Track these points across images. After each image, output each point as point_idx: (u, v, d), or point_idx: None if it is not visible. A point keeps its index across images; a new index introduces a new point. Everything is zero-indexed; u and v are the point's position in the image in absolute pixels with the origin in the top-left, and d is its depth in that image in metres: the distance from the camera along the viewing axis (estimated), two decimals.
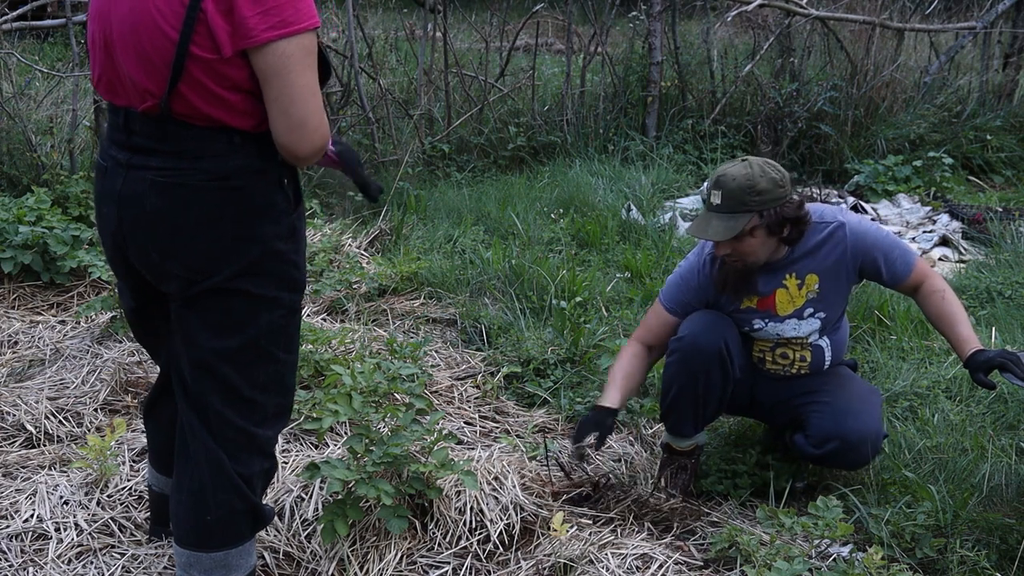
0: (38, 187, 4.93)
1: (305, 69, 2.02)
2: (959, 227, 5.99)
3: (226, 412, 2.24)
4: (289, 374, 2.34)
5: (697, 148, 7.32)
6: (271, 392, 2.29)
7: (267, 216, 2.16)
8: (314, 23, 2.02)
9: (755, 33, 8.17)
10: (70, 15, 5.67)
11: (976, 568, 2.66)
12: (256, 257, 2.16)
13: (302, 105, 2.03)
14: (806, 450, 3.02)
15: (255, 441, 2.29)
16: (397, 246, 5.26)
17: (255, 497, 2.33)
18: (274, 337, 2.25)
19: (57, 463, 3.16)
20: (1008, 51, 8.28)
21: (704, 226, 2.88)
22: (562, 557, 2.69)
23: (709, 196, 2.87)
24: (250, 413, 2.27)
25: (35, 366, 3.89)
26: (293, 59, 2.00)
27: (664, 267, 5.05)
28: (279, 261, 2.20)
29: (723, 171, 2.87)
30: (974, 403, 3.60)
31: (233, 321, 2.20)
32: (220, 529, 2.31)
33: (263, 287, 2.19)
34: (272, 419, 2.33)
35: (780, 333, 3.06)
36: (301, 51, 2.00)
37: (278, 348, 2.27)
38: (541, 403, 3.77)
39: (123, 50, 2.11)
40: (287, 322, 2.27)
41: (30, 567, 2.66)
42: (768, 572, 2.47)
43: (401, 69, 8.32)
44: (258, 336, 2.22)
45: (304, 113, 2.03)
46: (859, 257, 2.97)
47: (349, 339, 3.98)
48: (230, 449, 2.26)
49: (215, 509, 2.28)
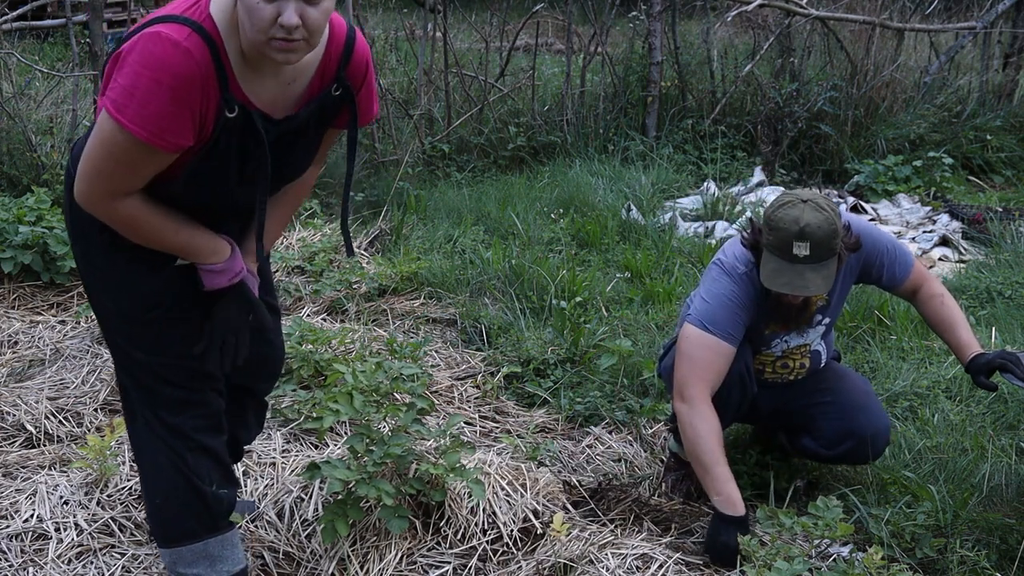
0: (38, 187, 4.92)
1: (102, 147, 2.01)
2: (959, 227, 5.99)
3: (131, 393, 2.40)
4: (149, 375, 2.34)
5: (697, 148, 7.32)
6: (146, 384, 2.34)
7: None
8: (124, 121, 1.96)
9: (755, 33, 8.17)
10: (70, 15, 5.67)
11: (976, 568, 2.66)
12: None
13: (86, 164, 2.06)
14: (818, 452, 3.01)
15: (165, 424, 2.35)
16: (397, 246, 5.26)
17: (197, 480, 2.36)
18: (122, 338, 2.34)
19: (57, 463, 3.16)
20: (1008, 51, 8.27)
21: (797, 281, 2.70)
22: (562, 557, 2.69)
23: (792, 248, 2.67)
24: (146, 399, 2.35)
25: (35, 366, 3.89)
26: (100, 130, 2.02)
27: (664, 267, 5.05)
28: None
29: (801, 221, 2.66)
30: (974, 403, 3.60)
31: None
32: (173, 514, 2.37)
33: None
34: (172, 406, 2.35)
35: (789, 345, 3.02)
36: (109, 132, 1.99)
37: (134, 348, 2.32)
38: (541, 403, 3.77)
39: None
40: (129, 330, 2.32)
41: (30, 567, 2.66)
42: (768, 572, 2.47)
43: (401, 69, 8.31)
44: (110, 336, 2.37)
45: (83, 170, 2.06)
46: (862, 259, 2.93)
47: (349, 339, 3.98)
48: (153, 431, 2.36)
49: (158, 491, 2.37)
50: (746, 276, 2.86)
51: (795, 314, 2.88)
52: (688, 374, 2.83)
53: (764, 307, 2.89)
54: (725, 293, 2.86)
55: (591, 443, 3.48)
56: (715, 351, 2.82)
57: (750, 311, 2.87)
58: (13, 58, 5.86)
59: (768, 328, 2.96)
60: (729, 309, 2.84)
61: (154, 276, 2.24)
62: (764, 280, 2.75)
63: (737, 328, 2.85)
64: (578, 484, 3.14)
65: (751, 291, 2.86)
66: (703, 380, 2.81)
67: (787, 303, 2.83)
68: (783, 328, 2.96)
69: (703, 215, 6.12)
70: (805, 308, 2.88)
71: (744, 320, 2.86)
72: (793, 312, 2.87)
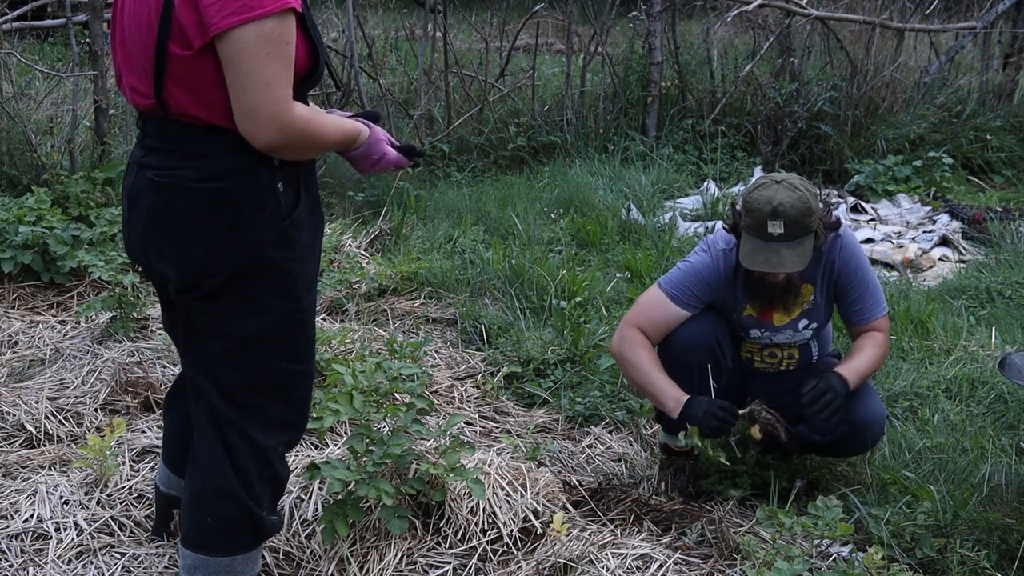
0: (38, 187, 4.92)
1: (261, 57, 1.93)
2: (959, 227, 5.99)
3: (228, 412, 2.23)
4: (294, 384, 2.29)
5: (697, 148, 7.32)
6: (269, 399, 2.25)
7: (256, 221, 2.10)
8: (277, 6, 1.92)
9: (755, 33, 8.17)
10: (70, 15, 5.67)
11: (976, 568, 2.66)
12: (244, 262, 2.11)
13: (252, 93, 1.95)
14: (812, 439, 3.03)
15: (256, 446, 2.26)
16: (397, 246, 5.26)
17: (255, 506, 2.29)
18: (267, 343, 2.20)
19: (57, 463, 3.16)
20: (1008, 51, 8.27)
21: (774, 259, 2.79)
22: (562, 557, 2.68)
23: (766, 227, 2.77)
24: (249, 416, 2.24)
25: (35, 366, 3.89)
26: (247, 46, 1.92)
27: (664, 267, 5.05)
28: (271, 268, 2.14)
29: (774, 200, 2.76)
30: (974, 403, 3.60)
31: (222, 324, 2.17)
32: (218, 533, 2.29)
33: (252, 292, 2.15)
34: (275, 427, 2.28)
35: (773, 340, 3.08)
36: (259, 38, 1.92)
37: (273, 355, 2.22)
38: (541, 403, 3.77)
39: (122, 50, 2.13)
40: (282, 330, 2.21)
41: (30, 567, 2.66)
42: (768, 572, 2.47)
43: (401, 69, 8.31)
44: (247, 340, 2.18)
45: (253, 102, 1.96)
46: (838, 276, 2.99)
47: (349, 339, 3.98)
48: (232, 452, 2.24)
49: (213, 511, 2.27)
50: (722, 252, 2.99)
51: (779, 294, 2.96)
52: (625, 318, 3.06)
53: (743, 287, 2.99)
54: (694, 262, 3.02)
55: (591, 443, 3.48)
56: (658, 306, 3.00)
57: (718, 285, 2.99)
58: (13, 58, 5.86)
59: (745, 311, 3.02)
60: (691, 277, 2.99)
61: (313, 261, 2.24)
62: (743, 260, 2.86)
63: (691, 296, 2.98)
64: (578, 484, 3.14)
65: (722, 266, 2.98)
66: (636, 324, 3.02)
67: (771, 283, 2.93)
68: (764, 314, 3.01)
69: (703, 215, 6.12)
70: (789, 289, 2.95)
71: (707, 291, 2.99)
72: (778, 292, 2.96)
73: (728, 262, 2.98)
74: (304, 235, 2.20)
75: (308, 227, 2.22)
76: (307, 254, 2.22)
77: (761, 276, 2.91)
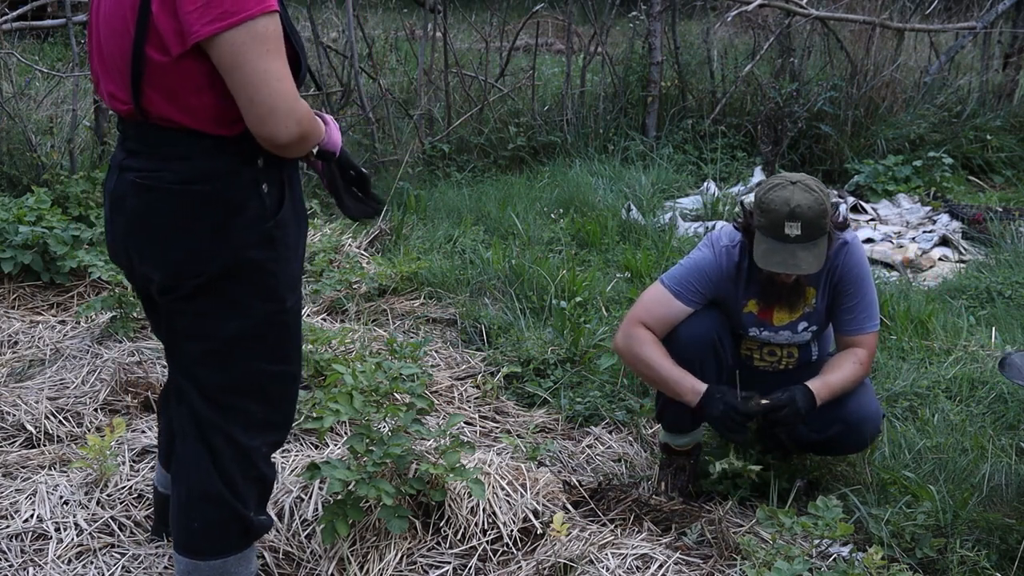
0: (38, 187, 4.93)
1: (263, 55, 1.93)
2: (959, 227, 5.98)
3: (211, 415, 2.22)
4: (277, 385, 2.29)
5: (697, 148, 7.32)
6: (252, 400, 2.25)
7: (238, 223, 2.09)
8: (262, 8, 1.93)
9: (755, 33, 8.17)
10: (70, 15, 5.66)
11: (976, 568, 2.66)
12: (228, 264, 2.11)
13: (266, 92, 1.95)
14: (807, 436, 3.03)
15: (240, 448, 2.25)
16: (397, 246, 5.26)
17: (242, 507, 2.29)
18: (250, 344, 2.20)
19: (57, 463, 3.16)
20: (1008, 51, 8.27)
21: (790, 260, 2.78)
22: (562, 557, 2.69)
23: (783, 228, 2.76)
24: (233, 419, 2.23)
25: (35, 366, 3.89)
26: (245, 47, 1.92)
27: (664, 267, 5.04)
28: (254, 269, 2.14)
29: (792, 201, 2.75)
30: (974, 403, 3.60)
31: (204, 325, 2.17)
32: (206, 536, 2.29)
33: (235, 293, 2.15)
34: (258, 428, 2.28)
35: (772, 341, 3.08)
36: (253, 38, 1.92)
37: (257, 357, 2.22)
38: (541, 403, 3.77)
39: (98, 54, 2.13)
40: (266, 331, 2.21)
41: (30, 567, 2.66)
42: (768, 572, 2.47)
43: (401, 69, 8.31)
44: (230, 341, 2.18)
45: (270, 100, 1.96)
46: (839, 280, 2.98)
47: (349, 339, 3.98)
48: (216, 455, 2.24)
49: (200, 515, 2.27)
50: (725, 249, 2.98)
51: (787, 294, 2.95)
52: (629, 316, 3.03)
53: (747, 284, 2.98)
54: (696, 259, 3.01)
55: (591, 443, 3.48)
56: (662, 302, 2.98)
57: (720, 281, 2.97)
58: (13, 58, 5.86)
59: (746, 307, 3.02)
60: (693, 273, 2.98)
61: (297, 262, 2.24)
62: (758, 260, 2.84)
63: (694, 292, 2.97)
64: (578, 484, 3.14)
65: (725, 263, 2.97)
66: (641, 321, 2.99)
67: (780, 282, 2.93)
68: (764, 313, 3.01)
69: (703, 215, 6.12)
70: (797, 290, 2.94)
71: (710, 287, 2.97)
72: (786, 292, 2.95)
73: (731, 258, 2.98)
74: (289, 235, 2.20)
75: (293, 227, 2.22)
76: (291, 255, 2.22)
77: (770, 275, 2.90)
